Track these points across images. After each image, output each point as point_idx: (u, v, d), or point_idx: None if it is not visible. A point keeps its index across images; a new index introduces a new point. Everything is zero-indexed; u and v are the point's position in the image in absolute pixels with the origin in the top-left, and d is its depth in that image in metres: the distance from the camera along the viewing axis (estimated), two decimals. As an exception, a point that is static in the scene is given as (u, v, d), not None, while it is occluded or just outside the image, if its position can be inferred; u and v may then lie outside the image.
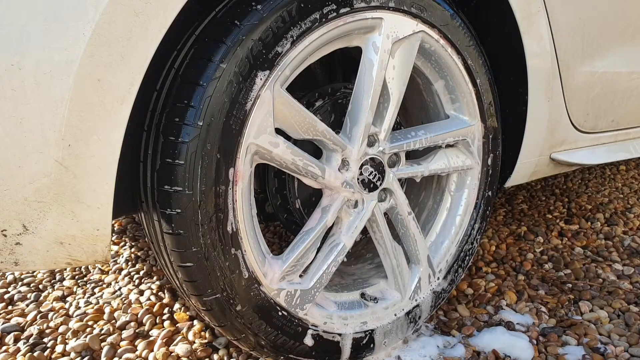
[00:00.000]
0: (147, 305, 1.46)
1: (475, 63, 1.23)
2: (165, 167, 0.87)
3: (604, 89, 1.53)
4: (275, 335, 1.04)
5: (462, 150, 1.30)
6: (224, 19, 0.89)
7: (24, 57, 0.69)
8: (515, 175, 1.46)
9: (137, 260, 1.76)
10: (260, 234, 1.01)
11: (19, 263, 0.80)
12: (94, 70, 0.73)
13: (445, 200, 1.35)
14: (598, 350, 1.27)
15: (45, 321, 1.40)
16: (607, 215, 2.08)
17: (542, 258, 1.74)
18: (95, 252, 0.84)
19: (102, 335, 1.34)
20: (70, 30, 0.70)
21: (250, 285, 0.98)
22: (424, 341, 1.31)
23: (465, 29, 1.19)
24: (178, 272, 0.93)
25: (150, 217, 0.94)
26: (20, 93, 0.70)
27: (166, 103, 0.89)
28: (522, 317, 1.41)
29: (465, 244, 1.36)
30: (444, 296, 1.35)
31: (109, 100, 0.76)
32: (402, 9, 1.06)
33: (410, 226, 1.22)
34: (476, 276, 1.62)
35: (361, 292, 1.24)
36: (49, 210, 0.77)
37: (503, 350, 1.27)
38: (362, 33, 1.04)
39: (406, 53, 1.10)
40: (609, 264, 1.70)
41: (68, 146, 0.74)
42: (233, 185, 0.92)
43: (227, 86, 0.86)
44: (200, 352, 1.25)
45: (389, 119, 1.12)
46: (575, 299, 1.50)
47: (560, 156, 1.52)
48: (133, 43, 0.75)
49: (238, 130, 0.89)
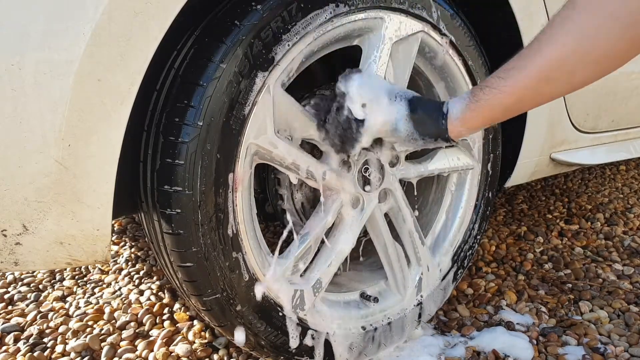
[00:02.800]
0: (147, 305, 1.46)
1: (475, 63, 1.23)
2: (165, 167, 0.87)
3: (604, 88, 1.53)
4: (275, 335, 1.04)
5: (462, 151, 1.30)
6: (224, 19, 0.89)
7: (24, 57, 0.69)
8: (515, 175, 1.46)
9: (137, 260, 1.76)
10: (260, 235, 1.01)
11: (19, 263, 0.80)
12: (94, 70, 0.73)
13: (445, 200, 1.35)
14: (598, 350, 1.27)
15: (45, 321, 1.40)
16: (607, 215, 2.08)
17: (542, 258, 1.74)
18: (95, 252, 0.84)
19: (102, 335, 1.34)
20: (70, 30, 0.70)
21: (250, 286, 0.98)
22: (424, 341, 1.31)
23: (466, 29, 1.19)
24: (178, 272, 0.93)
25: (150, 217, 0.94)
26: (20, 93, 0.70)
27: (166, 103, 0.89)
28: (522, 317, 1.41)
29: (465, 244, 1.36)
30: (444, 295, 1.35)
31: (109, 100, 0.76)
32: (403, 9, 1.06)
33: (410, 226, 1.22)
34: (476, 276, 1.62)
35: (361, 292, 1.24)
36: (49, 210, 0.77)
37: (503, 350, 1.27)
38: (362, 33, 1.04)
39: (406, 53, 1.10)
40: (609, 264, 1.70)
41: (68, 146, 0.74)
42: (233, 186, 0.92)
43: (227, 86, 0.86)
44: (200, 352, 1.25)
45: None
46: (575, 299, 1.50)
47: (560, 156, 1.52)
48: (133, 43, 0.75)
49: (238, 131, 0.89)
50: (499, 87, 0.85)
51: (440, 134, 0.94)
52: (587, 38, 0.74)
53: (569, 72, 0.78)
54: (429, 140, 0.96)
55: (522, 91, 0.83)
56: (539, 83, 0.81)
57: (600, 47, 0.74)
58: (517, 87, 0.83)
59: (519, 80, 0.82)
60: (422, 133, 0.95)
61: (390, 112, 0.95)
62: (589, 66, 0.76)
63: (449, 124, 0.93)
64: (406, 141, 0.98)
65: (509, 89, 0.83)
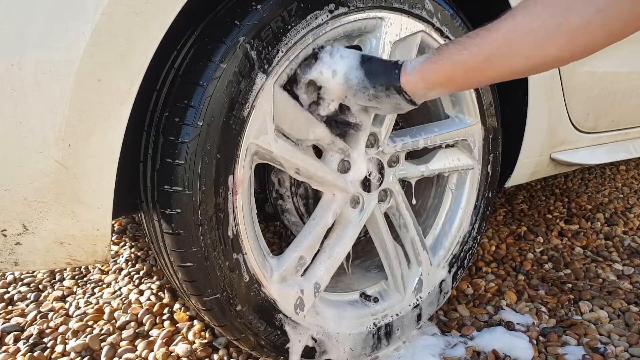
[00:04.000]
0: (147, 305, 1.46)
1: (475, 63, 1.23)
2: (165, 167, 0.87)
3: (604, 89, 1.53)
4: (275, 335, 1.04)
5: (462, 150, 1.30)
6: (224, 19, 0.89)
7: (24, 57, 0.69)
8: (515, 175, 1.46)
9: (137, 260, 1.76)
10: (260, 235, 1.01)
11: (19, 263, 0.80)
12: (94, 70, 0.73)
13: (446, 200, 1.35)
14: (598, 350, 1.27)
15: (45, 321, 1.40)
16: (607, 215, 2.08)
17: (542, 258, 1.74)
18: (95, 252, 0.84)
19: (102, 335, 1.34)
20: (70, 30, 0.70)
21: (250, 286, 0.98)
22: (424, 341, 1.31)
23: (466, 29, 1.19)
24: (178, 272, 0.93)
25: (150, 217, 0.94)
26: (20, 93, 0.70)
27: (166, 103, 0.89)
28: (522, 317, 1.41)
29: (465, 244, 1.36)
30: (445, 296, 1.35)
31: (109, 100, 0.75)
32: (403, 9, 1.06)
33: (410, 226, 1.22)
34: (476, 276, 1.62)
35: (361, 291, 1.24)
36: (49, 210, 0.77)
37: (503, 350, 1.27)
38: (362, 32, 1.04)
39: (406, 53, 1.10)
40: (609, 264, 1.70)
41: (68, 146, 0.74)
42: (233, 187, 0.92)
43: (227, 86, 0.86)
44: (200, 352, 1.25)
45: (389, 119, 1.12)
46: (575, 299, 1.50)
47: (561, 156, 1.52)
48: (133, 43, 0.75)
49: (238, 131, 0.89)
50: (465, 44, 0.83)
51: (392, 82, 0.90)
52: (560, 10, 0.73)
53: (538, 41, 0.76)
54: (380, 90, 0.92)
55: (487, 52, 0.80)
56: (505, 47, 0.79)
57: (573, 22, 0.72)
58: (484, 46, 0.80)
59: (486, 40, 0.80)
60: (373, 81, 0.92)
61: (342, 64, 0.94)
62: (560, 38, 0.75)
63: (403, 74, 0.90)
64: (358, 91, 0.94)
65: (474, 48, 0.81)
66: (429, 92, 0.92)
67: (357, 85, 0.94)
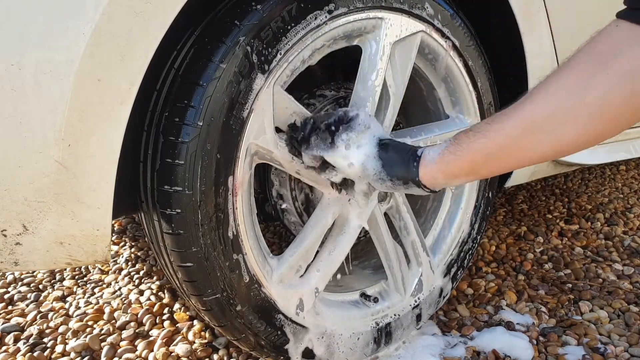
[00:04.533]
0: (147, 305, 1.46)
1: (475, 63, 1.23)
2: (165, 167, 0.87)
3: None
4: (275, 335, 1.04)
5: (462, 151, 1.30)
6: (224, 19, 0.89)
7: (24, 57, 0.69)
8: (515, 175, 1.46)
9: (137, 260, 1.76)
10: (260, 235, 1.01)
11: (19, 263, 0.80)
12: (94, 70, 0.73)
13: (446, 201, 1.35)
14: (598, 350, 1.27)
15: (45, 321, 1.40)
16: (607, 215, 2.08)
17: (542, 258, 1.74)
18: (95, 252, 0.84)
19: (102, 335, 1.34)
20: (70, 30, 0.70)
21: (250, 286, 0.98)
22: (424, 341, 1.31)
23: (466, 29, 1.19)
24: (178, 272, 0.93)
25: (150, 217, 0.94)
26: (20, 93, 0.70)
27: (166, 103, 0.89)
28: (522, 317, 1.41)
29: (465, 244, 1.36)
30: (444, 296, 1.35)
31: (109, 100, 0.75)
32: (403, 9, 1.06)
33: (410, 226, 1.22)
34: (476, 276, 1.62)
35: (361, 292, 1.24)
36: (49, 210, 0.77)
37: (503, 350, 1.27)
38: (362, 33, 1.04)
39: (406, 53, 1.10)
40: (609, 264, 1.70)
41: (68, 146, 0.74)
42: (233, 188, 0.92)
43: (227, 86, 0.86)
44: (200, 352, 1.25)
45: (389, 118, 1.12)
46: (575, 299, 1.50)
47: (560, 156, 1.52)
48: (133, 43, 0.75)
49: (238, 131, 0.89)
50: (483, 131, 0.79)
51: (410, 177, 0.88)
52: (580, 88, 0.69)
53: (557, 124, 0.71)
54: (398, 183, 0.90)
55: (506, 138, 0.76)
56: (524, 132, 0.74)
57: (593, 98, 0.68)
58: (502, 133, 0.77)
59: (504, 126, 0.76)
60: (390, 174, 0.90)
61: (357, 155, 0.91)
62: (580, 120, 0.70)
63: (422, 167, 0.87)
64: (374, 181, 0.92)
65: (492, 134, 0.77)
66: (450, 182, 0.89)
67: (374, 176, 0.91)
